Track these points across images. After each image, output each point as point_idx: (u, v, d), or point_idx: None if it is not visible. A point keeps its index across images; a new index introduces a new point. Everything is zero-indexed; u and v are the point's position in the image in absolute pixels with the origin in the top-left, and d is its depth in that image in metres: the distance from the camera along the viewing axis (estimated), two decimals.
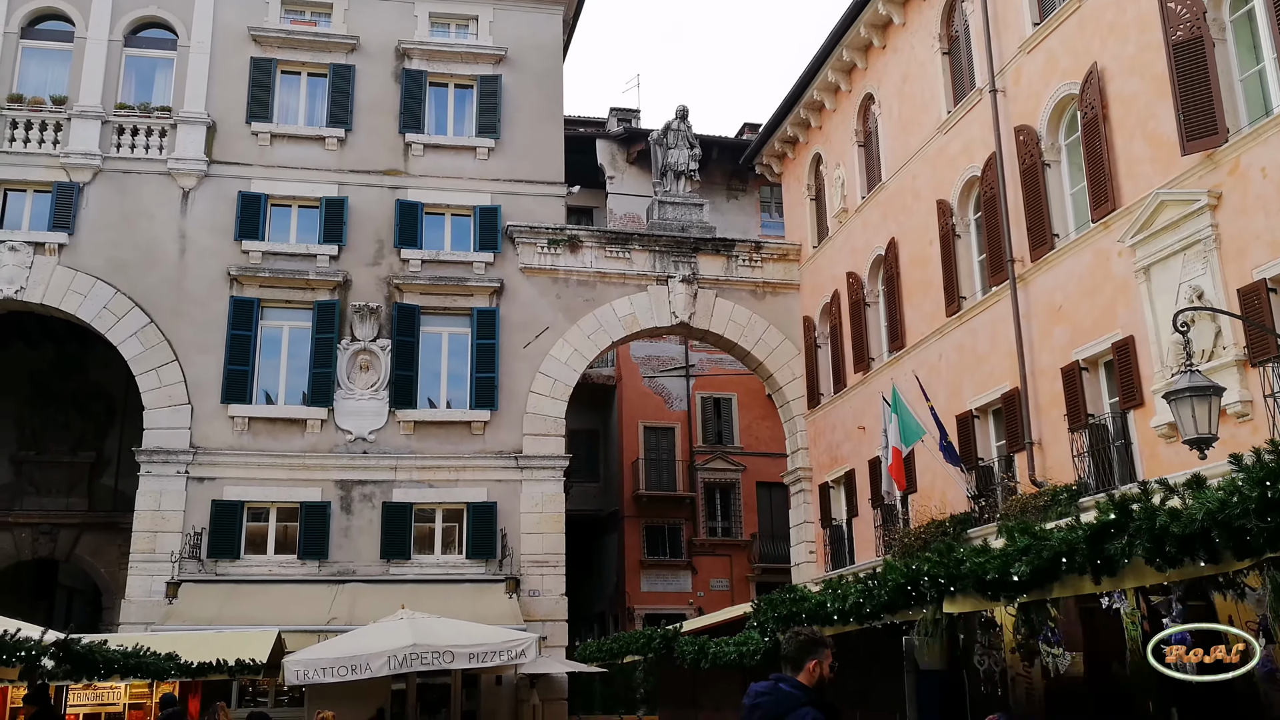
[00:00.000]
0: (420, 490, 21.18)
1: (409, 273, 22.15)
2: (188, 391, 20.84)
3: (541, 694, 20.69)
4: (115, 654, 11.67)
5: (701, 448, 31.24)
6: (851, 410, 20.87)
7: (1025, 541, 4.78)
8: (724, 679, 11.22)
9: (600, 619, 31.49)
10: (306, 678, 15.80)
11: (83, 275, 20.91)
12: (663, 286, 23.21)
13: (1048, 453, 14.58)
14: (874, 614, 6.45)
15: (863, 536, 20.12)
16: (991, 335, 16.16)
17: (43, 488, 24.35)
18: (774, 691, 4.37)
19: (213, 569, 20.04)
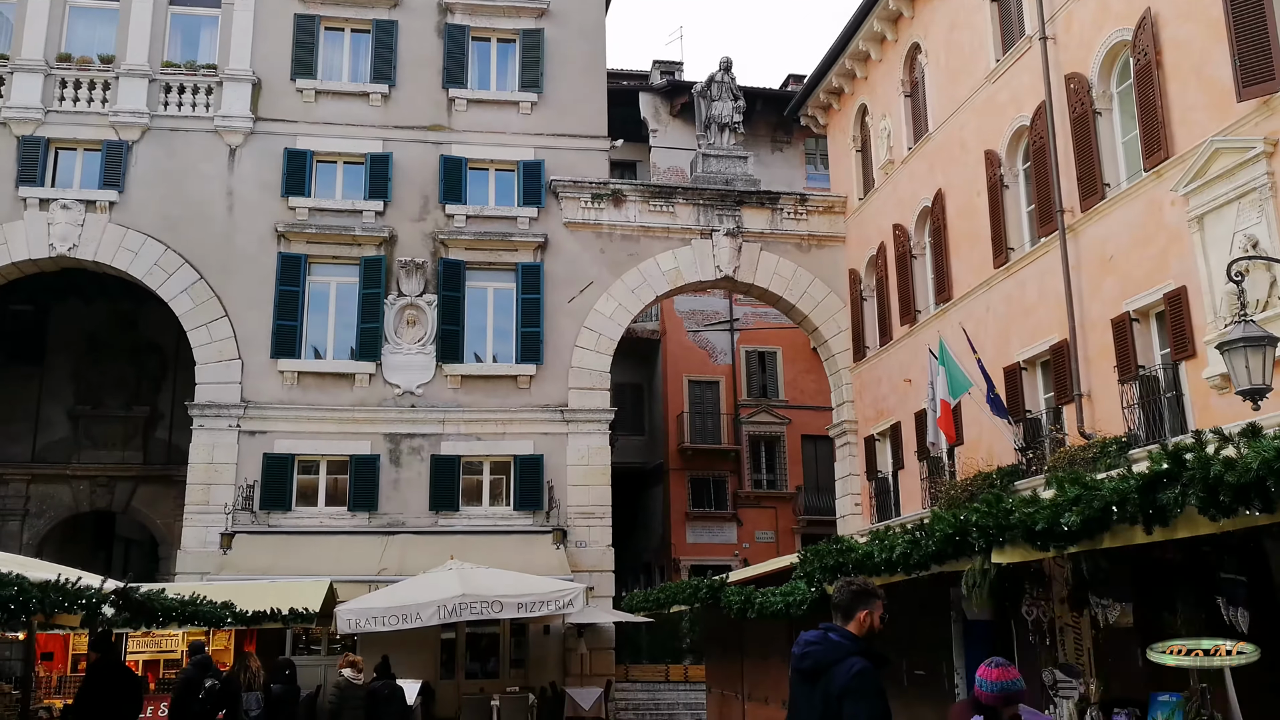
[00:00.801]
0: (468, 443, 21.44)
1: (454, 228, 22.24)
2: (238, 346, 21.20)
3: (589, 643, 21.02)
4: (173, 602, 11.99)
5: (746, 401, 31.24)
6: (897, 363, 20.72)
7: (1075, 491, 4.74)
8: (770, 629, 11.31)
9: (646, 570, 31.83)
10: (358, 626, 16.20)
11: (133, 233, 21.27)
12: (707, 240, 23.10)
13: (1097, 405, 14.40)
14: (921, 564, 6.44)
15: (908, 489, 20.07)
16: (1040, 287, 15.91)
17: (99, 441, 24.99)
18: (823, 641, 4.39)
19: (265, 520, 20.50)
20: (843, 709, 4.15)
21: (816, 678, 4.32)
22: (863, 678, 4.18)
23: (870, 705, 4.12)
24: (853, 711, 4.12)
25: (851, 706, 4.13)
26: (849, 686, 4.16)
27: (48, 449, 24.66)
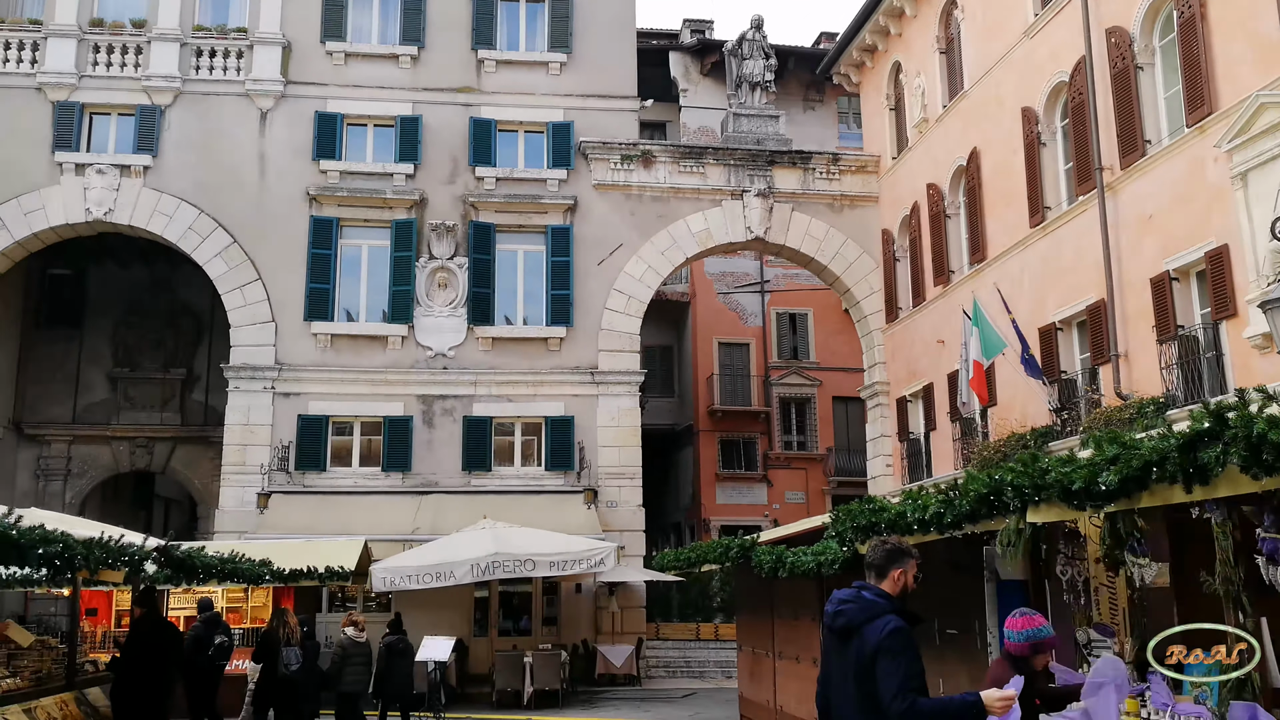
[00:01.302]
0: (499, 404, 21.58)
1: (483, 190, 22.22)
2: (271, 309, 21.38)
3: (620, 602, 21.24)
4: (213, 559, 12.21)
5: (777, 363, 31.15)
6: (930, 324, 20.56)
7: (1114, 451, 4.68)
8: (801, 589, 11.34)
9: (676, 530, 32.02)
10: (393, 584, 16.46)
11: (167, 197, 21.43)
12: (737, 201, 22.93)
13: (1134, 365, 14.23)
14: (955, 524, 6.41)
15: (940, 450, 19.99)
16: (1077, 246, 15.68)
17: (138, 403, 25.38)
18: (857, 599, 4.38)
19: (301, 481, 20.78)
20: (876, 667, 4.14)
21: (849, 636, 4.31)
22: (896, 635, 4.17)
23: (903, 662, 4.11)
24: (886, 669, 4.11)
25: (885, 664, 4.12)
26: (882, 644, 4.16)
27: (88, 410, 25.10)
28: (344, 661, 13.08)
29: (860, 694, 4.21)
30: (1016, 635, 5.14)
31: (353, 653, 13.18)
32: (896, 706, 4.05)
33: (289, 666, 11.87)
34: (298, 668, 12.23)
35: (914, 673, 4.12)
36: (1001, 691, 4.25)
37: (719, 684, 20.00)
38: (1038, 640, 5.13)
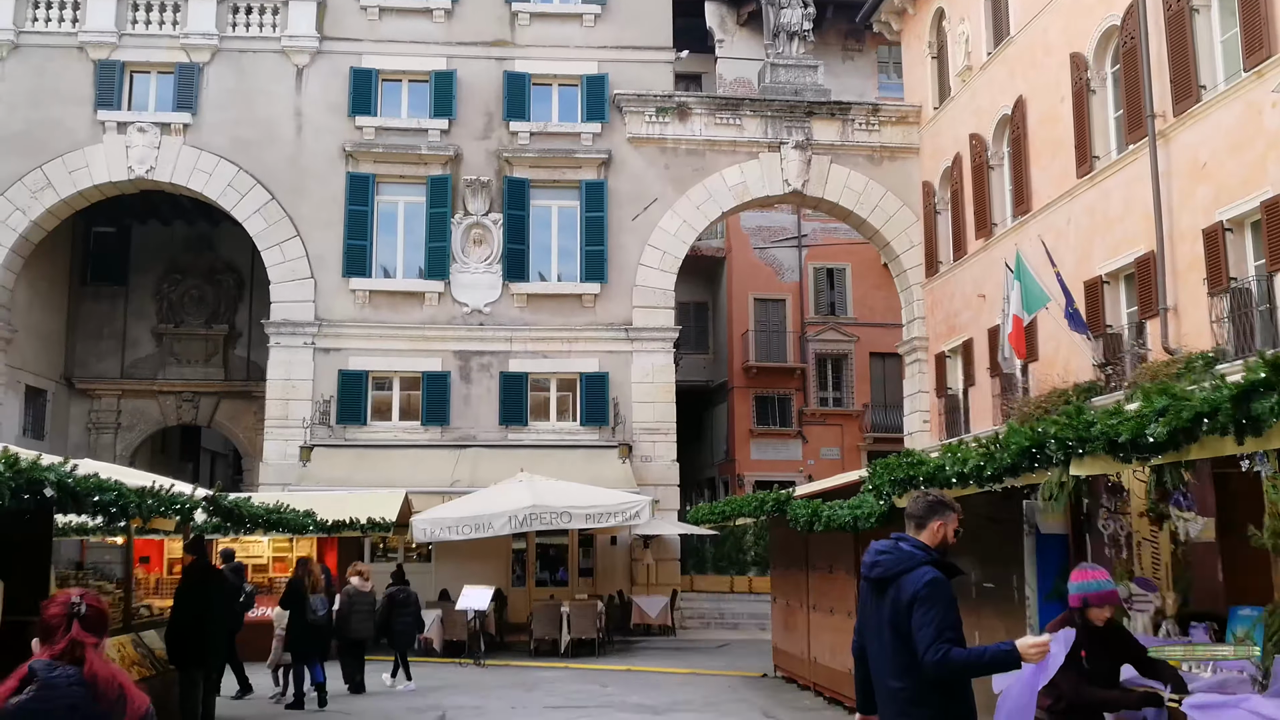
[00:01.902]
0: (535, 361, 21.67)
1: (518, 145, 22.14)
2: (310, 266, 21.55)
3: (655, 554, 21.42)
4: (259, 509, 12.45)
5: (813, 319, 30.95)
6: (971, 278, 20.29)
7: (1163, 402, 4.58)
8: (836, 542, 11.34)
9: (710, 485, 32.13)
10: (433, 535, 16.71)
11: (207, 154, 21.57)
12: (774, 154, 22.65)
13: (1183, 319, 13.96)
14: (995, 477, 6.31)
15: (979, 406, 19.82)
16: (1126, 196, 15.35)
17: (183, 358, 25.82)
18: (894, 550, 4.35)
19: (342, 434, 21.06)
20: (912, 617, 4.12)
21: (886, 586, 4.29)
22: (933, 586, 4.14)
23: (940, 612, 4.08)
24: (922, 619, 4.09)
25: (921, 614, 4.10)
26: (919, 594, 4.13)
27: (135, 365, 25.58)
28: (350, 610, 13.58)
29: (896, 644, 4.20)
30: (1072, 588, 5.11)
31: (358, 601, 13.71)
32: (931, 656, 4.03)
33: (316, 613, 12.21)
34: (324, 614, 12.60)
35: (950, 623, 4.10)
36: (1036, 638, 4.23)
37: (753, 636, 20.16)
38: (1088, 593, 5.09)
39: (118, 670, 2.90)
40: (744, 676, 14.67)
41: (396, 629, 14.15)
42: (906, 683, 4.14)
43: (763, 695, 12.88)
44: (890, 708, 4.22)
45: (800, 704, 12.06)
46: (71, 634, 2.82)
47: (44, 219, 21.41)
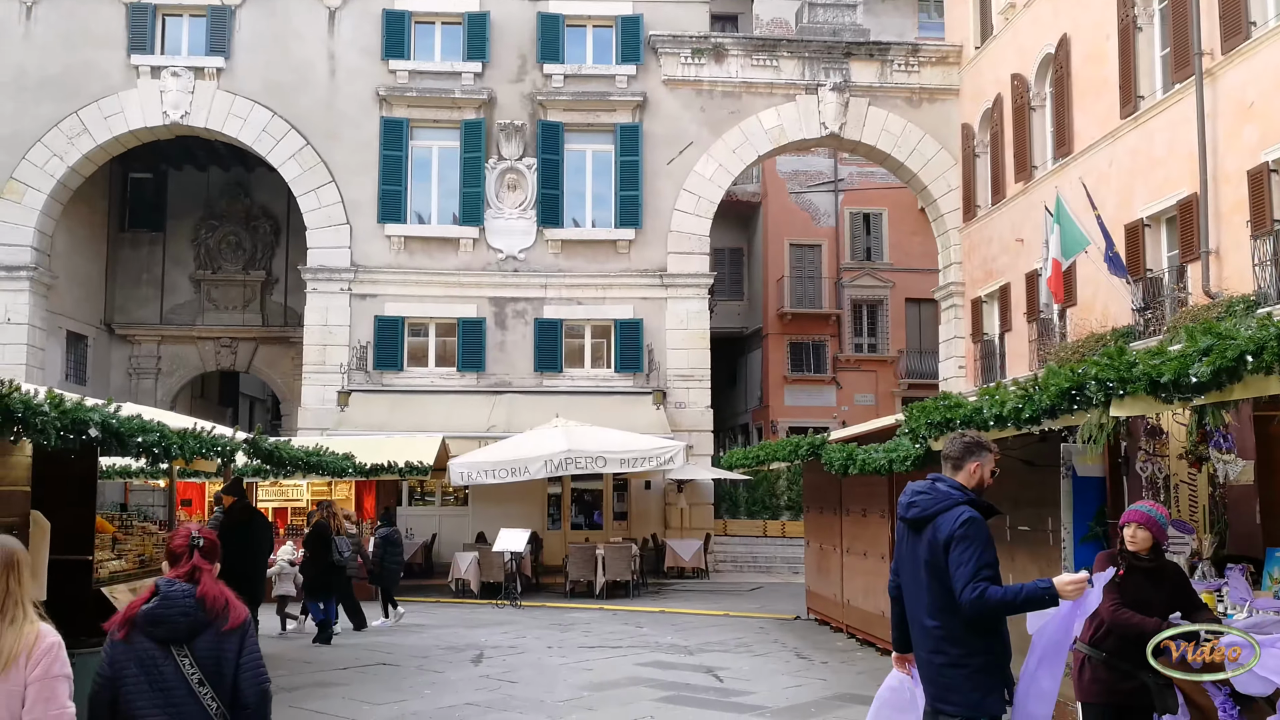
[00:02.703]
0: (569, 307, 21.71)
1: (551, 89, 21.97)
2: (345, 212, 21.64)
3: (688, 499, 21.60)
4: (298, 452, 12.65)
5: (849, 264, 30.70)
6: (1009, 222, 20.01)
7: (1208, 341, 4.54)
8: (870, 486, 11.38)
9: (744, 431, 32.22)
10: (470, 479, 16.93)
11: (241, 99, 21.61)
12: (812, 96, 22.32)
13: (1225, 262, 13.72)
14: (1033, 419, 6.29)
15: (1015, 351, 19.66)
16: (1170, 137, 15.01)
17: (220, 304, 26.12)
18: (931, 490, 4.36)
19: (379, 380, 21.29)
20: (948, 556, 4.14)
21: (923, 527, 4.31)
22: (970, 525, 4.16)
23: (976, 552, 4.09)
24: (958, 558, 4.10)
25: (957, 553, 4.12)
26: (955, 533, 4.15)
27: (174, 311, 25.93)
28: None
29: (933, 583, 4.23)
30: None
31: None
32: (968, 595, 4.05)
33: (341, 554, 12.50)
34: (349, 554, 12.95)
35: (986, 562, 4.11)
36: (1073, 575, 4.24)
37: (785, 579, 20.33)
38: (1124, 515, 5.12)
39: (225, 589, 3.64)
40: (776, 619, 14.83)
41: (388, 567, 14.63)
42: (942, 621, 4.18)
43: (795, 637, 13.03)
44: (925, 646, 4.26)
45: (833, 645, 12.20)
46: (193, 560, 3.61)
47: (81, 165, 21.61)
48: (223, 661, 3.53)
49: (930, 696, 4.29)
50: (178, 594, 3.52)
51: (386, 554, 14.63)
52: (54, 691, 3.20)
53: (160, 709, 3.44)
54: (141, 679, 3.45)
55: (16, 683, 3.16)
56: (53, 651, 3.24)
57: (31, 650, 3.20)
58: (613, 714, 8.54)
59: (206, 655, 3.51)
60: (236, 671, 3.55)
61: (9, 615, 3.21)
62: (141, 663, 3.46)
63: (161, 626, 3.48)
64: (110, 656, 3.50)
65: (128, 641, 3.49)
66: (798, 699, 9.12)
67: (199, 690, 3.47)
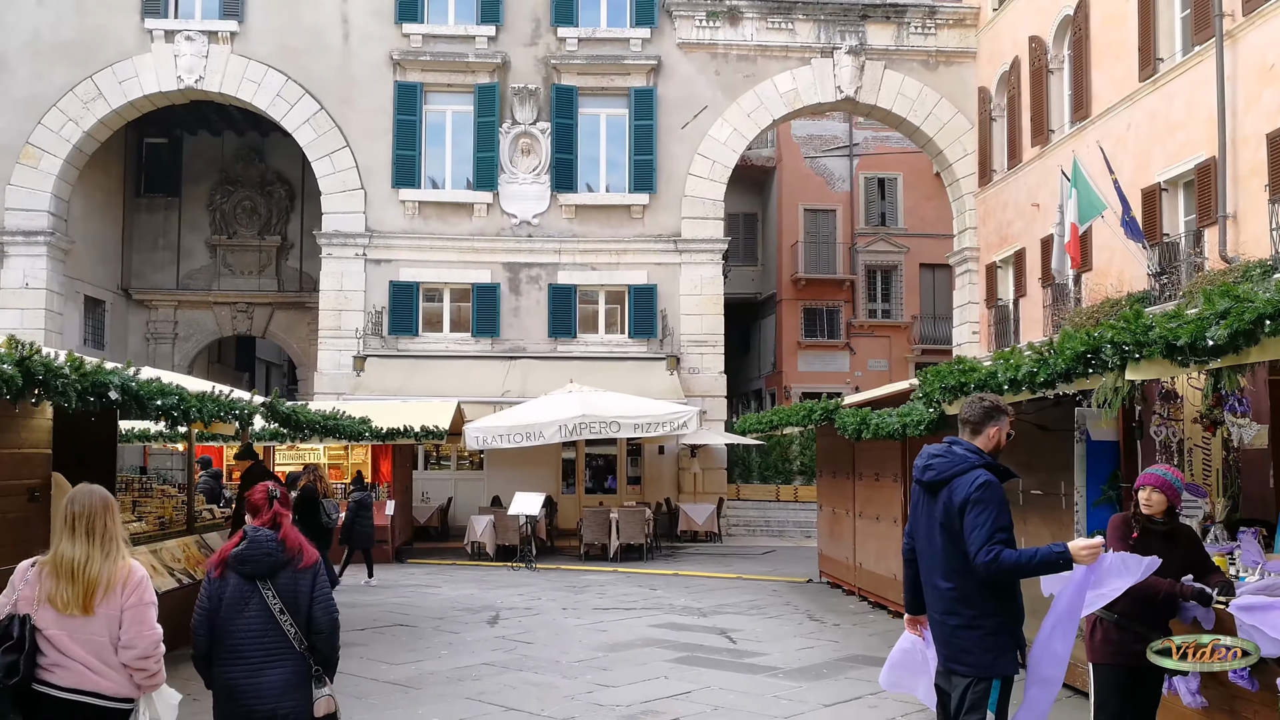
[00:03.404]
0: (583, 273, 21.72)
1: (565, 52, 21.84)
2: (360, 177, 21.63)
3: (701, 463, 21.70)
4: (315, 415, 12.78)
5: (864, 229, 30.58)
6: (1025, 186, 19.87)
7: (1225, 304, 4.53)
8: (883, 450, 11.44)
9: (757, 396, 32.28)
10: (486, 443, 17.05)
11: (255, 63, 21.55)
12: (827, 59, 22.13)
13: (1243, 227, 13.62)
14: (1048, 383, 6.29)
15: (1030, 316, 19.61)
16: (1189, 100, 14.85)
17: (236, 269, 26.22)
18: (948, 453, 4.38)
19: (394, 345, 21.39)
20: (964, 519, 4.17)
21: (939, 489, 4.34)
22: (986, 489, 4.19)
23: (992, 515, 4.12)
24: (974, 521, 4.13)
25: (973, 516, 4.14)
26: (971, 496, 4.17)
27: (190, 276, 26.05)
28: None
29: (947, 545, 4.26)
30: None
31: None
32: (983, 557, 4.08)
33: (330, 516, 12.67)
34: (336, 517, 13.14)
35: (1002, 525, 4.15)
36: (1087, 540, 4.28)
37: (798, 543, 20.46)
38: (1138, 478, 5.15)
39: (300, 535, 4.29)
40: (789, 582, 14.96)
41: (359, 530, 14.88)
42: (956, 583, 4.22)
43: (807, 599, 13.15)
44: (939, 608, 4.30)
45: (845, 608, 12.32)
46: (273, 509, 4.26)
47: (96, 130, 21.63)
48: (299, 594, 4.15)
49: (943, 658, 4.33)
50: (262, 538, 4.15)
51: (358, 517, 14.92)
52: (144, 616, 3.83)
53: (249, 633, 4.07)
54: (234, 609, 4.08)
55: (114, 607, 3.79)
56: (143, 583, 3.86)
57: (126, 581, 3.82)
58: (627, 674, 8.66)
59: (286, 589, 4.14)
60: (310, 603, 4.17)
61: (106, 550, 3.82)
62: (233, 595, 4.09)
63: (248, 564, 4.11)
64: (208, 591, 4.14)
65: (222, 578, 4.13)
66: (810, 660, 9.23)
67: (280, 618, 4.10)
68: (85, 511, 3.84)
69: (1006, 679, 4.20)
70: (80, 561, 3.78)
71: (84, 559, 3.78)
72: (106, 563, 3.81)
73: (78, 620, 3.77)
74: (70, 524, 3.84)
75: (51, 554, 3.84)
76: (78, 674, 3.76)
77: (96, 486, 3.98)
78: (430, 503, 20.60)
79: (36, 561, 3.88)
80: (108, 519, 3.86)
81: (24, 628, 3.73)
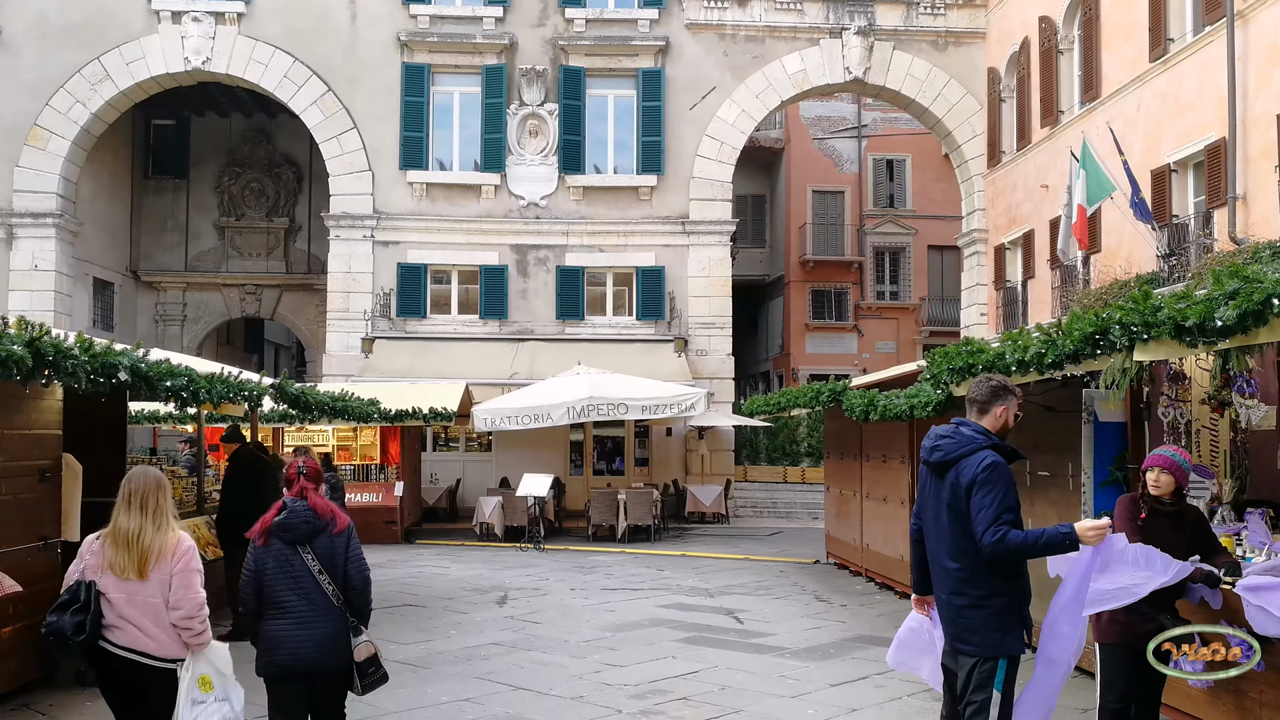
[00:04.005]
0: (591, 255, 21.71)
1: (573, 33, 21.76)
2: (368, 158, 21.62)
3: (709, 445, 21.74)
4: (324, 397, 12.82)
5: (872, 211, 30.48)
6: (1034, 168, 19.79)
7: (1234, 284, 4.52)
8: (891, 432, 11.44)
9: (765, 378, 32.27)
10: (494, 425, 17.09)
11: (262, 44, 21.51)
12: (836, 40, 22.01)
13: (1252, 208, 13.56)
14: (1056, 364, 6.28)
15: (1038, 298, 19.56)
16: (1200, 80, 14.76)
17: (245, 251, 26.26)
18: (955, 435, 4.37)
19: (402, 327, 21.43)
20: (970, 500, 4.17)
21: (946, 470, 4.33)
22: (993, 469, 4.18)
23: (999, 496, 4.12)
24: (980, 502, 4.13)
25: (979, 497, 4.14)
26: (978, 477, 4.17)
27: (199, 259, 26.10)
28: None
29: (955, 526, 4.26)
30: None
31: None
32: (989, 538, 4.09)
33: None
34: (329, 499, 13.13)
35: (1008, 506, 4.14)
36: (1093, 521, 4.29)
37: (805, 524, 20.50)
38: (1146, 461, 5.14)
39: (331, 503, 4.77)
40: (796, 563, 15.00)
41: None
42: (963, 563, 4.22)
43: (814, 580, 13.20)
44: (946, 588, 4.31)
45: (852, 589, 12.35)
46: (300, 483, 4.71)
47: (104, 111, 21.64)
48: (334, 555, 4.67)
49: (950, 637, 4.34)
50: (299, 508, 4.66)
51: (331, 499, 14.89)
52: (190, 581, 4.39)
53: (292, 591, 4.59)
54: (278, 571, 4.59)
55: (165, 573, 4.35)
56: (190, 551, 4.42)
57: (175, 549, 4.39)
58: (635, 654, 8.71)
59: (323, 551, 4.66)
60: (345, 563, 4.68)
61: (158, 523, 4.39)
62: (277, 559, 4.60)
63: (289, 532, 4.62)
64: (254, 556, 4.63)
65: (266, 545, 4.62)
66: (817, 640, 9.27)
67: (319, 577, 4.61)
68: (140, 489, 4.42)
69: (1013, 659, 4.21)
70: (135, 532, 4.35)
71: (138, 530, 4.35)
72: (158, 534, 4.38)
73: (134, 584, 4.33)
74: (127, 500, 4.41)
75: (111, 526, 4.41)
76: (131, 635, 4.33)
77: (151, 468, 4.60)
78: (439, 484, 20.69)
79: (100, 534, 4.44)
80: (159, 496, 4.44)
81: (90, 592, 4.30)
